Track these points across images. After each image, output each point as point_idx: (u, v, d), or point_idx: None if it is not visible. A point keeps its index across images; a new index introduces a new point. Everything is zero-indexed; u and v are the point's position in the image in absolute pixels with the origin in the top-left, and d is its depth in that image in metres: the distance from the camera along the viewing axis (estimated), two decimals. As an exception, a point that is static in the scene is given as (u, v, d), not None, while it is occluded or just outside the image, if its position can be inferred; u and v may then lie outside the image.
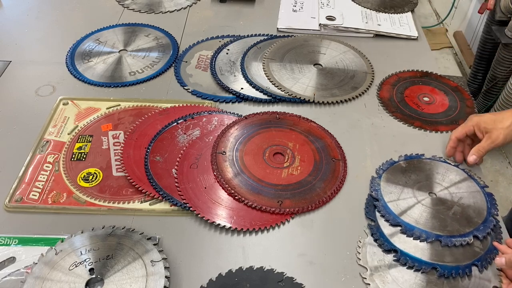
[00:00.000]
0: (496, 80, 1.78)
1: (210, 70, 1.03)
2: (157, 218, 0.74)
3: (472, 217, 0.73)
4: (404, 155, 0.84)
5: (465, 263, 0.68)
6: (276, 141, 0.86)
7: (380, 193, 0.77)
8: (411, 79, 1.04)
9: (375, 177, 0.80)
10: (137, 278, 0.63)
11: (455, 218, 0.73)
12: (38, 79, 1.01)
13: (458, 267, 0.67)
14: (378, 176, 0.80)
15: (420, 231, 0.71)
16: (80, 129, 0.88)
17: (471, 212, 0.74)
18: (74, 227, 0.71)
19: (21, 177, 0.79)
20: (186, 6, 1.27)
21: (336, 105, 0.96)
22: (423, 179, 0.79)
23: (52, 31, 1.18)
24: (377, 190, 0.77)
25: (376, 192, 0.77)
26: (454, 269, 0.67)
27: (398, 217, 0.73)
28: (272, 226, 0.73)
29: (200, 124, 0.89)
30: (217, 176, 0.79)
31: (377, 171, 0.81)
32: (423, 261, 0.68)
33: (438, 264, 0.67)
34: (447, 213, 0.73)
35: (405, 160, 0.83)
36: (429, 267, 0.67)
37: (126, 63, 1.05)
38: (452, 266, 0.67)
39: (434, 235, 0.70)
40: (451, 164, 0.82)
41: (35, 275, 0.63)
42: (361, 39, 1.16)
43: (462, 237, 0.70)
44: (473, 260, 0.68)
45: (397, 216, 0.73)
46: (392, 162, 0.83)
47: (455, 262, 0.68)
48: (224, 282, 0.66)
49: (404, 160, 0.83)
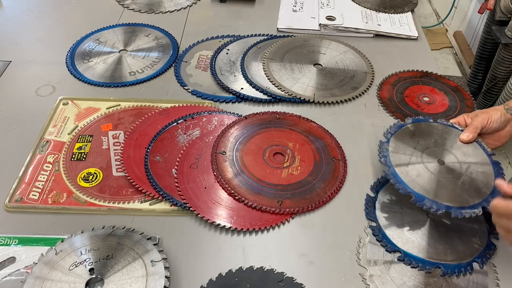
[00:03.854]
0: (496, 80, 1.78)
1: (210, 70, 1.03)
2: (157, 218, 0.74)
3: (481, 187, 0.71)
4: (412, 118, 0.81)
5: (466, 260, 0.69)
6: (276, 141, 0.86)
7: (389, 160, 0.73)
8: (411, 79, 1.04)
9: (383, 142, 0.76)
10: (137, 278, 0.63)
11: (464, 188, 0.70)
12: (38, 79, 1.01)
13: (460, 265, 0.68)
14: (387, 140, 0.77)
15: (430, 202, 0.68)
16: (80, 129, 0.88)
17: (480, 182, 0.71)
18: (74, 227, 0.71)
19: (21, 177, 0.79)
20: (186, 6, 1.27)
21: (336, 105, 0.96)
22: (431, 145, 0.76)
23: (52, 31, 1.18)
24: (386, 156, 0.74)
25: (385, 158, 0.73)
26: (457, 267, 0.68)
27: (408, 186, 0.70)
28: (272, 226, 0.73)
29: (200, 124, 0.89)
30: (217, 176, 0.79)
31: (385, 135, 0.78)
32: (427, 261, 0.68)
33: (441, 263, 0.68)
34: (456, 183, 0.71)
35: (413, 123, 0.80)
36: (433, 267, 0.68)
37: (126, 63, 1.05)
38: (454, 265, 0.68)
39: (444, 206, 0.68)
40: (459, 129, 0.79)
41: (35, 275, 0.63)
42: (361, 39, 1.16)
43: (472, 208, 0.67)
44: (474, 257, 0.69)
45: (407, 185, 0.70)
46: (400, 125, 0.79)
47: (457, 260, 0.69)
48: (224, 282, 0.66)
49: (412, 123, 0.80)
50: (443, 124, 0.80)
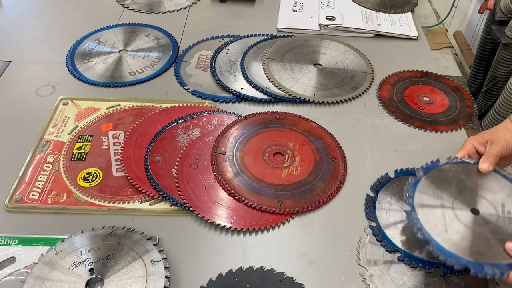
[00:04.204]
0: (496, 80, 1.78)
1: (210, 70, 1.03)
2: (157, 218, 0.74)
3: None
4: (421, 169, 0.69)
5: None
6: (276, 141, 0.86)
7: (426, 232, 0.61)
8: (411, 79, 1.04)
9: (409, 211, 0.64)
10: (137, 278, 0.63)
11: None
12: (38, 79, 1.01)
13: None
14: (411, 208, 0.64)
15: (489, 267, 0.58)
16: (80, 129, 0.88)
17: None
18: (74, 227, 0.71)
19: (21, 177, 0.79)
20: (186, 6, 1.27)
21: (336, 105, 0.96)
22: (455, 193, 0.66)
23: (52, 31, 1.18)
24: (420, 229, 0.61)
25: (421, 232, 0.61)
26: None
27: (461, 258, 0.59)
28: (272, 226, 0.73)
29: (200, 124, 0.89)
30: (217, 176, 0.79)
31: (406, 200, 0.65)
32: (427, 261, 0.68)
33: (440, 263, 0.68)
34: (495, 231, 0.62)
35: (425, 175, 0.68)
36: (433, 267, 0.67)
37: (126, 63, 1.05)
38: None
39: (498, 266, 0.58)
40: (471, 163, 0.70)
41: (35, 275, 0.63)
42: (361, 39, 1.16)
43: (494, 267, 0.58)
44: None
45: (460, 258, 0.59)
46: (415, 183, 0.67)
47: None
48: (224, 282, 0.66)
49: (424, 175, 0.68)
50: (454, 163, 0.70)
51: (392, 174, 0.82)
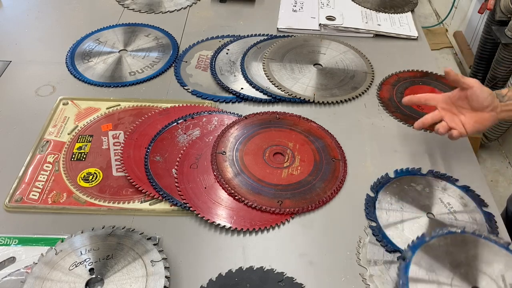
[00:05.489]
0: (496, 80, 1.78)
1: (210, 70, 1.03)
2: (157, 218, 0.74)
3: None
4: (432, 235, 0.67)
5: None
6: (276, 141, 0.86)
7: None
8: (411, 79, 1.04)
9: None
10: (137, 278, 0.63)
11: None
12: (38, 79, 1.01)
13: None
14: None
15: None
16: (80, 129, 0.88)
17: None
18: (74, 227, 0.71)
19: (21, 177, 0.79)
20: (186, 6, 1.27)
21: (336, 105, 0.96)
22: (450, 272, 0.63)
23: (52, 31, 1.18)
24: None
25: None
26: None
27: None
28: (272, 226, 0.73)
29: (200, 124, 0.89)
30: (217, 176, 0.79)
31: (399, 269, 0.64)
32: None
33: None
34: None
35: (413, 255, 0.65)
36: None
37: (126, 63, 1.05)
38: None
39: None
40: (458, 232, 0.67)
41: (35, 275, 0.63)
42: (361, 39, 1.16)
43: None
44: None
45: None
46: (405, 267, 0.64)
47: None
48: (224, 282, 0.66)
49: (412, 256, 0.65)
50: (441, 235, 0.68)
51: (392, 174, 0.82)
